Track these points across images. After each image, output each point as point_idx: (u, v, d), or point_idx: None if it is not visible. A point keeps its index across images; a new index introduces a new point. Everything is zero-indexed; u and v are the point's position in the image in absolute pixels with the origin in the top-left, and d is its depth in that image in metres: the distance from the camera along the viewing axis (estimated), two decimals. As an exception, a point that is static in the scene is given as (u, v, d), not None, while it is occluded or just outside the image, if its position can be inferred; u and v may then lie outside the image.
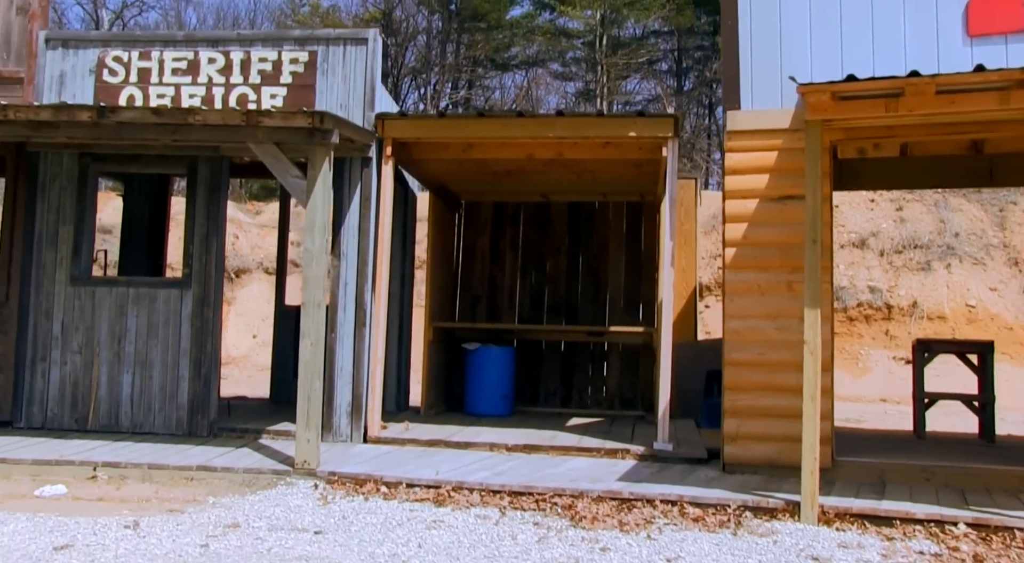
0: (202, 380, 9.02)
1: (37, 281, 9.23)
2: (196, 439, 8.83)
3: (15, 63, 9.35)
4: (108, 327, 9.13)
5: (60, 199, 9.28)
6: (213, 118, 7.67)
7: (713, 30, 34.44)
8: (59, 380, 9.16)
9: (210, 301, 9.04)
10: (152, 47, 9.24)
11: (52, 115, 7.78)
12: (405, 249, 11.03)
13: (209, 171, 9.11)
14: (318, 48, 9.08)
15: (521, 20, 35.08)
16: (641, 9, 32.52)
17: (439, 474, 7.54)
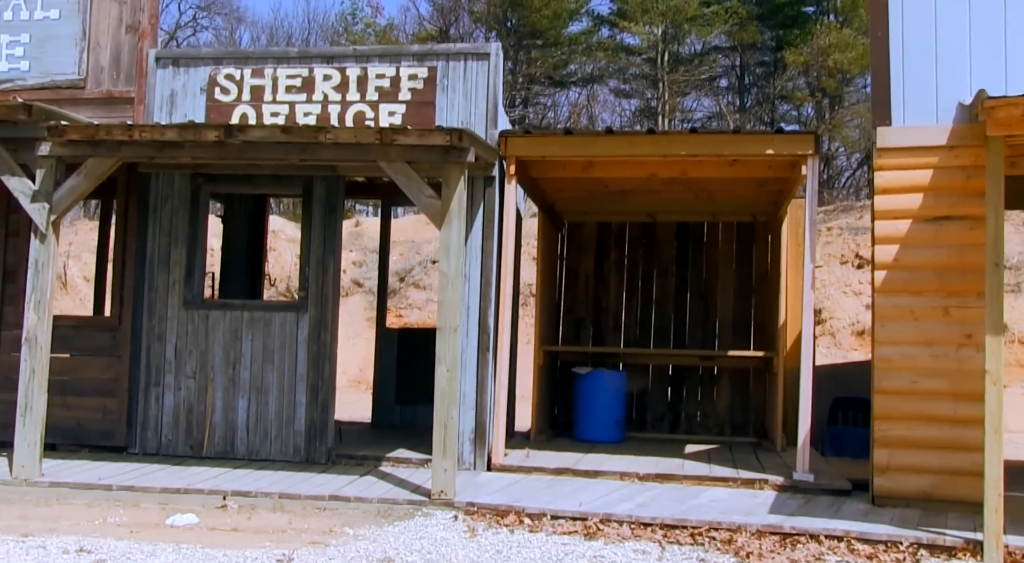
0: (319, 406, 8.75)
1: (149, 304, 9.01)
2: (316, 467, 8.54)
3: (125, 83, 9.18)
4: (222, 351, 8.88)
5: (172, 221, 9.07)
6: (345, 136, 7.42)
7: (776, 46, 34.01)
8: (173, 405, 8.92)
9: (327, 324, 8.77)
10: (265, 64, 9.02)
11: (178, 135, 7.56)
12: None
13: (325, 191, 8.86)
14: (437, 63, 8.81)
15: (579, 36, 34.83)
16: (703, 24, 32.12)
17: (582, 505, 7.20)
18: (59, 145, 7.76)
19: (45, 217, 7.77)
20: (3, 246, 9.30)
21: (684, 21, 32.10)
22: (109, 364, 8.99)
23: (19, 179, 7.86)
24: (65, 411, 9.04)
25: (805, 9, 34.19)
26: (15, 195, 7.91)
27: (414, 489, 7.66)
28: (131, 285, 9.02)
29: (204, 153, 7.68)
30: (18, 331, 9.02)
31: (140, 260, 9.05)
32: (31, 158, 7.94)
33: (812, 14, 34.17)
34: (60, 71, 9.28)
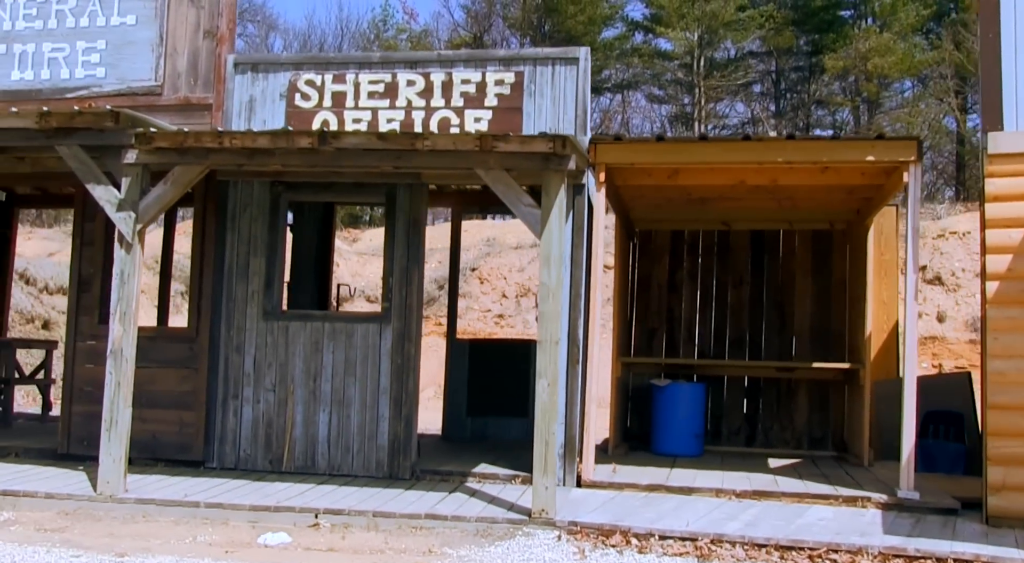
0: (403, 420, 8.53)
1: (228, 315, 8.81)
2: (401, 483, 8.32)
3: (203, 89, 8.99)
4: (303, 364, 8.67)
5: (251, 230, 8.87)
6: (443, 143, 7.20)
7: (811, 50, 33.70)
8: (252, 419, 8.72)
9: (411, 336, 8.55)
10: (346, 69, 8.82)
11: (270, 142, 7.36)
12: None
13: (409, 200, 8.65)
14: (524, 68, 8.59)
15: (614, 42, 34.61)
16: (738, 29, 31.84)
17: (689, 525, 6.94)
18: (146, 153, 7.58)
19: (131, 226, 7.58)
20: (77, 256, 9.12)
21: (720, 26, 31.79)
22: (186, 376, 8.80)
23: (104, 187, 7.68)
24: (140, 424, 8.82)
25: (841, 13, 33.87)
26: (100, 203, 7.73)
27: (510, 507, 7.42)
28: (209, 295, 8.82)
29: (295, 160, 7.47)
30: (92, 342, 8.87)
31: (218, 270, 8.86)
32: (115, 166, 7.78)
33: (848, 18, 33.85)
34: (137, 78, 9.11)
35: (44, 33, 9.31)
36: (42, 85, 9.27)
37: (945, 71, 29.51)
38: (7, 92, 9.28)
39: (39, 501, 7.55)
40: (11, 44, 9.35)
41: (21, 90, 9.28)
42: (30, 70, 9.30)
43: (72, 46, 9.24)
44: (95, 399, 8.80)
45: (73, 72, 9.23)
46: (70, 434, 8.97)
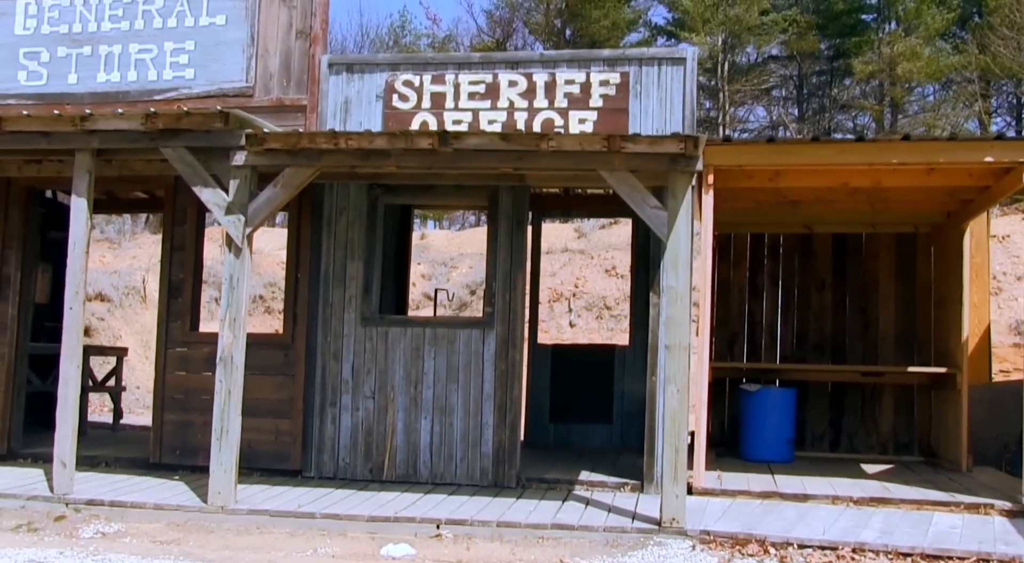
0: (508, 427, 8.35)
1: (325, 321, 8.63)
2: (509, 491, 8.14)
3: (295, 90, 8.82)
4: (403, 370, 8.49)
5: (348, 233, 8.70)
6: (569, 144, 7.03)
7: (834, 55, 33.62)
8: (351, 427, 8.53)
9: (516, 342, 8.38)
10: (446, 70, 8.65)
11: (388, 143, 7.19)
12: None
13: (512, 202, 8.47)
14: (630, 69, 8.43)
15: (637, 47, 34.45)
16: (762, 34, 31.75)
17: (825, 533, 6.77)
18: (255, 154, 7.40)
19: (241, 230, 7.40)
20: (168, 260, 8.93)
21: (743, 31, 31.70)
22: (282, 384, 8.60)
23: (212, 190, 7.50)
24: (235, 433, 8.62)
25: (863, 17, 33.80)
26: (208, 207, 7.55)
27: (632, 515, 7.26)
28: (304, 301, 8.64)
29: (412, 162, 7.30)
30: (183, 349, 8.69)
31: (314, 275, 8.68)
32: (219, 168, 7.61)
33: (870, 22, 33.78)
34: (227, 79, 8.93)
35: (131, 34, 9.13)
36: (129, 87, 9.09)
37: (970, 75, 29.42)
38: (94, 94, 9.11)
39: (148, 512, 7.36)
40: (96, 45, 9.18)
41: (107, 92, 9.11)
42: (116, 71, 9.12)
43: (160, 47, 9.07)
44: (186, 407, 8.65)
45: (161, 73, 9.05)
46: (161, 443, 8.78)
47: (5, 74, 9.29)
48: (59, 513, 7.47)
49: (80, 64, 9.19)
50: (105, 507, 7.46)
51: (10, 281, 9.18)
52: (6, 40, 9.31)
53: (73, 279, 7.66)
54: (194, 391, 8.74)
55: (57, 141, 7.74)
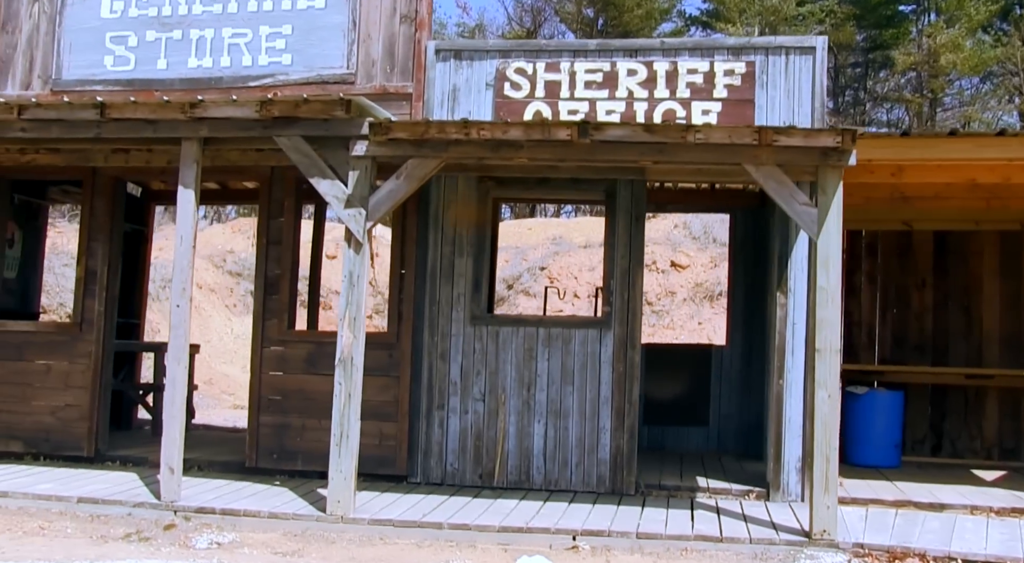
0: (626, 432, 7.97)
1: (431, 320, 8.24)
2: (630, 499, 7.78)
3: (400, 77, 8.41)
4: (515, 372, 8.11)
5: (456, 229, 8.29)
6: (717, 136, 6.63)
7: (870, 46, 33.14)
8: (459, 431, 8.15)
9: (635, 342, 7.99)
10: (560, 57, 8.24)
11: (523, 133, 6.79)
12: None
13: (630, 197, 8.08)
14: (755, 58, 8.02)
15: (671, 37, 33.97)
16: (799, 24, 31.27)
17: (987, 548, 6.40)
18: (378, 144, 7.00)
19: (362, 224, 7.01)
20: (264, 255, 8.54)
21: (780, 22, 31.23)
22: (386, 385, 8.22)
23: (331, 182, 7.10)
24: (336, 436, 8.24)
25: (901, 8, 33.32)
26: (326, 199, 7.16)
27: (771, 525, 6.90)
28: (411, 299, 8.24)
29: (545, 154, 6.90)
30: (280, 348, 8.32)
31: (420, 272, 8.28)
32: (334, 158, 7.21)
33: (908, 14, 33.30)
34: (327, 65, 8.53)
35: (223, 17, 8.72)
36: (222, 73, 8.69)
37: (1014, 68, 28.95)
38: (185, 80, 8.71)
39: (262, 521, 6.99)
40: (187, 29, 8.77)
41: (199, 78, 8.71)
42: (208, 57, 8.72)
43: (254, 31, 8.66)
44: (283, 409, 8.30)
45: (256, 59, 8.65)
46: (258, 446, 8.39)
47: (91, 59, 8.89)
48: (168, 521, 7.10)
49: (170, 49, 8.78)
50: (216, 515, 7.08)
51: (96, 276, 8.80)
52: (92, 24, 8.91)
53: (180, 275, 7.27)
54: (292, 392, 8.36)
55: (163, 129, 7.35)
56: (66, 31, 8.94)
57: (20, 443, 8.74)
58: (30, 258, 10.20)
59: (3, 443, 8.77)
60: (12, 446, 8.75)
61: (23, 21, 9.04)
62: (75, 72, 8.92)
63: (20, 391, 8.77)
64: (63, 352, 8.75)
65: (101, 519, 7.24)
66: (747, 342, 10.11)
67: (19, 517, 7.25)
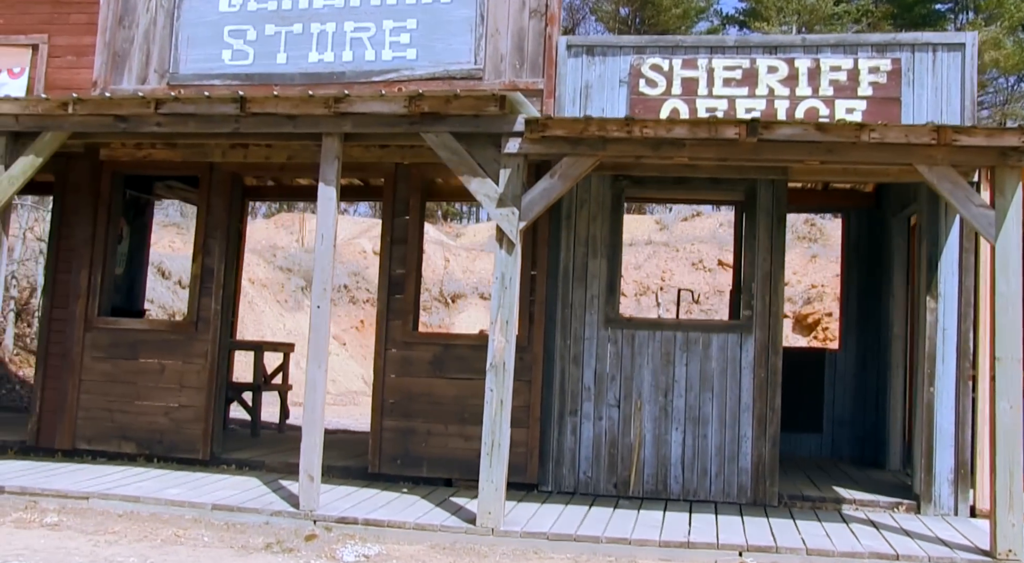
0: (768, 440, 7.72)
1: (564, 323, 8.01)
2: (775, 510, 7.57)
3: (530, 73, 8.18)
4: (652, 377, 7.88)
5: (589, 229, 8.07)
6: (893, 136, 6.40)
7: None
8: (592, 438, 7.92)
9: (776, 347, 7.75)
10: (697, 54, 8.01)
11: (688, 131, 6.56)
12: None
13: (771, 198, 7.84)
14: (901, 55, 7.79)
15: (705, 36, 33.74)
16: (836, 23, 31.04)
17: None
18: (531, 142, 6.77)
19: (515, 224, 6.78)
20: (387, 254, 8.31)
21: (817, 21, 30.99)
22: (516, 390, 7.94)
23: (481, 180, 6.87)
24: (464, 442, 8.06)
25: (937, 7, 33.08)
26: (477, 198, 6.92)
27: (939, 541, 6.65)
28: (542, 301, 8.00)
29: (708, 153, 6.67)
30: (405, 351, 8.07)
31: (552, 273, 8.06)
32: (481, 156, 6.97)
33: (944, 12, 33.07)
34: (454, 60, 8.30)
35: (345, 11, 8.50)
36: (344, 68, 8.46)
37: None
38: (305, 75, 8.49)
39: (407, 533, 6.76)
40: (308, 23, 8.54)
41: (320, 73, 8.49)
42: (330, 51, 8.49)
43: (378, 25, 8.43)
44: (408, 414, 8.09)
45: (379, 53, 8.42)
46: (381, 451, 8.16)
47: (209, 53, 8.68)
48: (308, 531, 6.86)
49: (289, 43, 8.56)
50: (359, 525, 6.85)
51: (213, 274, 8.58)
52: (210, 18, 8.70)
53: (321, 274, 7.05)
54: (417, 396, 8.14)
55: (304, 125, 7.11)
56: (184, 25, 8.71)
57: (133, 444, 8.52)
58: (136, 254, 9.99)
59: (115, 444, 8.55)
60: (125, 447, 8.53)
61: (140, 15, 8.82)
62: (192, 66, 8.69)
63: (133, 391, 8.56)
64: (178, 351, 8.54)
65: (237, 527, 7.01)
66: (861, 346, 9.88)
67: (152, 524, 7.02)
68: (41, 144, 7.55)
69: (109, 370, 8.65)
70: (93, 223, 8.79)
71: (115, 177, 8.81)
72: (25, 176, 7.54)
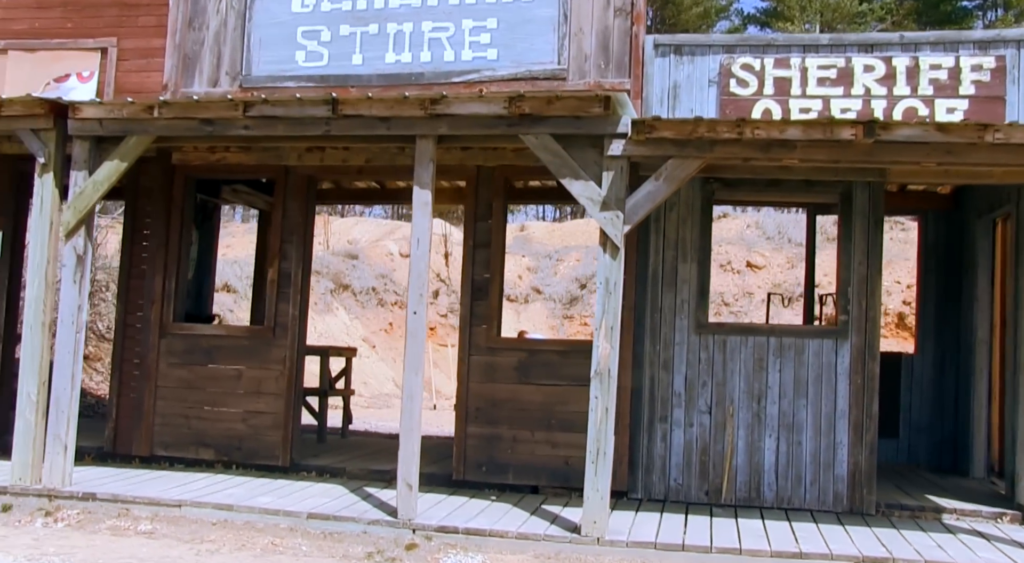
0: (865, 447, 7.57)
1: (653, 328, 7.87)
2: (875, 519, 7.43)
3: (615, 74, 8.03)
4: (744, 383, 7.72)
5: (678, 232, 7.92)
6: (1020, 136, 6.21)
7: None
8: (683, 445, 7.77)
9: (874, 353, 7.59)
10: (790, 53, 7.87)
11: (802, 132, 6.40)
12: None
13: (867, 200, 7.69)
14: (1006, 52, 7.64)
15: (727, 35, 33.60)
16: (859, 22, 30.89)
17: None
18: (636, 143, 6.62)
19: (619, 228, 6.62)
20: (471, 258, 8.16)
21: (840, 19, 30.84)
22: (605, 396, 7.79)
23: (584, 183, 6.72)
24: (550, 449, 7.92)
25: (963, 4, 32.92)
26: (580, 201, 6.76)
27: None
28: (630, 305, 7.85)
29: (820, 155, 6.51)
30: (488, 356, 7.95)
31: (640, 277, 7.91)
32: (581, 158, 6.81)
33: (972, 9, 32.91)
34: (536, 60, 8.16)
35: (423, 11, 8.35)
36: (423, 69, 8.31)
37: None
38: (383, 76, 8.34)
39: (510, 542, 6.61)
40: (384, 23, 8.40)
41: (399, 74, 8.35)
42: (407, 52, 8.34)
43: (457, 25, 8.28)
44: (492, 420, 7.95)
45: (459, 54, 8.27)
46: (465, 458, 8.02)
47: (282, 55, 8.53)
48: (408, 540, 6.71)
49: (365, 44, 8.41)
50: (459, 535, 6.70)
51: (290, 279, 8.44)
52: (283, 18, 8.55)
53: (417, 280, 6.89)
54: (502, 402, 8.00)
55: (398, 126, 6.96)
56: (256, 26, 8.57)
57: (211, 451, 8.39)
58: (204, 259, 9.85)
59: (193, 450, 8.42)
60: (203, 454, 8.39)
61: (210, 17, 8.68)
62: (265, 68, 8.55)
63: (210, 397, 8.43)
64: (255, 357, 8.40)
65: (334, 536, 6.86)
66: (939, 350, 9.72)
67: (247, 532, 6.88)
68: (125, 148, 7.39)
69: (185, 376, 8.50)
70: (166, 228, 8.65)
71: (188, 181, 8.66)
72: (110, 181, 7.40)
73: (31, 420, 7.37)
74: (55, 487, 7.26)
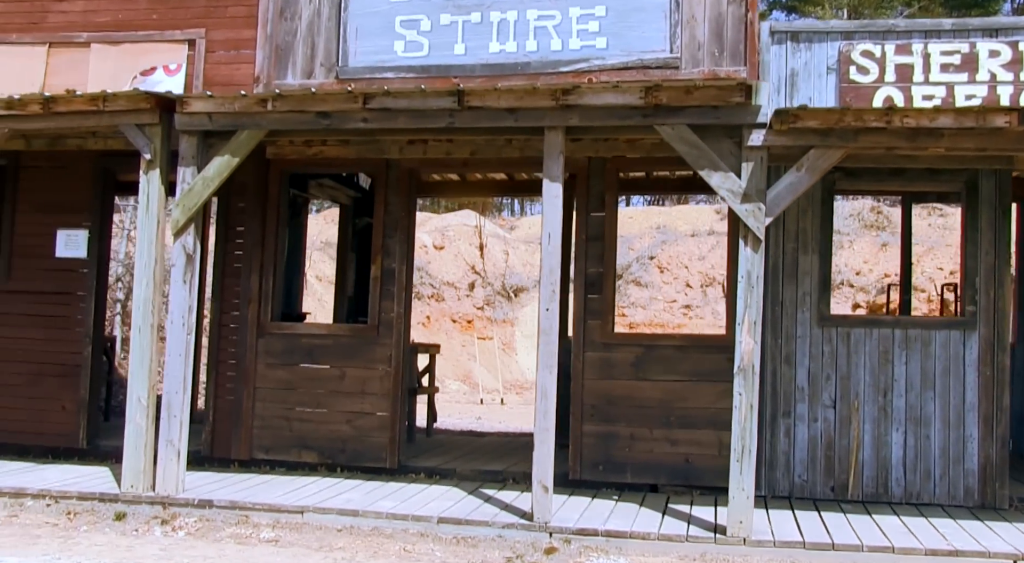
0: (997, 441, 7.40)
1: (774, 321, 7.69)
2: (1010, 514, 7.28)
3: (731, 62, 7.83)
4: (870, 376, 7.56)
5: (799, 223, 7.74)
6: None
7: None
8: (807, 440, 7.60)
9: (1004, 344, 7.43)
10: (911, 39, 7.68)
11: (953, 121, 6.24)
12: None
13: (994, 188, 7.50)
14: None
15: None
16: (885, 8, 30.65)
17: None
18: (777, 133, 6.43)
19: (761, 220, 6.43)
20: (583, 253, 7.98)
21: (867, 5, 30.59)
22: (724, 391, 7.62)
23: (723, 174, 6.54)
24: (670, 446, 7.75)
25: (990, -10, 32.68)
26: (719, 193, 6.58)
27: None
28: (750, 299, 7.64)
29: (968, 143, 6.36)
30: (603, 352, 7.80)
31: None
32: (717, 148, 6.63)
33: (997, -5, 32.68)
34: (647, 49, 7.95)
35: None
36: (528, 58, 8.10)
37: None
38: (487, 66, 8.14)
39: (652, 544, 6.47)
40: (487, 12, 8.18)
41: (503, 64, 8.14)
42: (512, 41, 8.13)
43: (563, 13, 8.08)
44: (609, 418, 7.78)
45: (566, 43, 8.06)
46: (581, 457, 7.85)
47: (380, 45, 8.31)
48: (546, 544, 6.54)
49: (468, 33, 8.19)
50: (599, 537, 6.53)
51: (393, 276, 8.24)
52: (380, 8, 8.33)
53: (550, 276, 6.72)
54: (618, 399, 7.82)
55: (526, 118, 6.77)
56: (351, 16, 8.35)
57: (314, 453, 8.20)
58: (293, 256, 9.64)
59: (295, 453, 8.23)
60: (305, 456, 8.20)
61: (303, 7, 8.46)
62: (362, 59, 8.33)
63: (311, 398, 8.24)
64: (358, 356, 8.21)
65: (467, 541, 6.69)
66: (1034, 341, 9.56)
67: (376, 539, 6.71)
68: (236, 143, 7.20)
69: (285, 377, 8.31)
70: (262, 224, 8.45)
71: (283, 176, 8.45)
72: (221, 177, 7.20)
73: (141, 425, 7.19)
74: (169, 494, 7.09)
